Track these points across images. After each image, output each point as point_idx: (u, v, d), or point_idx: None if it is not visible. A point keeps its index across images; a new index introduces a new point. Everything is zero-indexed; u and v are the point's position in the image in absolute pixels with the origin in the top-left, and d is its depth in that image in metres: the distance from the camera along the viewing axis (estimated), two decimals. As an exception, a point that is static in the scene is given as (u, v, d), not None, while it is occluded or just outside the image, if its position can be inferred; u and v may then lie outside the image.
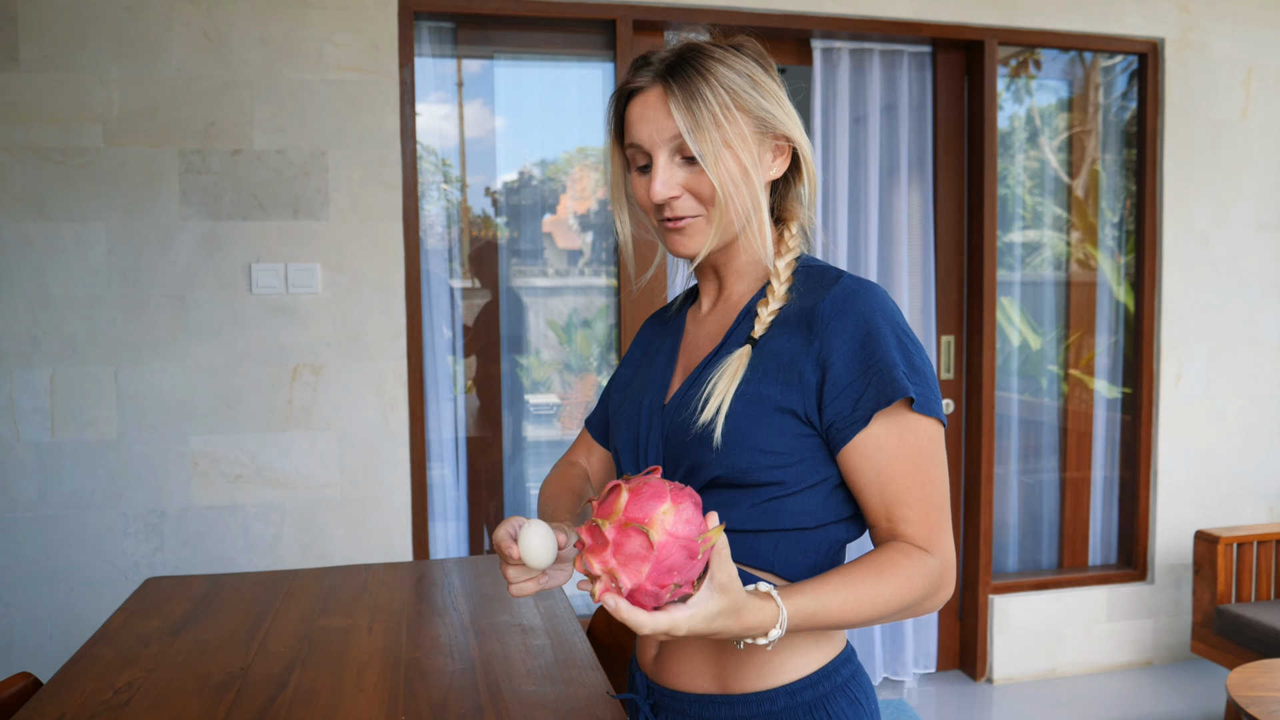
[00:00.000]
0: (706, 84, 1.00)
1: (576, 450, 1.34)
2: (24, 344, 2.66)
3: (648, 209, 1.07)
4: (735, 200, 1.02)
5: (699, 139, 1.00)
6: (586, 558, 0.85)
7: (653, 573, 0.82)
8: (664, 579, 0.83)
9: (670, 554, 0.82)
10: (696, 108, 1.00)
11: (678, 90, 1.00)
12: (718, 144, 1.00)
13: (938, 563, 0.98)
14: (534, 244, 3.23)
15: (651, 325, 1.26)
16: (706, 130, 0.99)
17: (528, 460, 3.25)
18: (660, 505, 0.83)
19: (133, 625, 1.74)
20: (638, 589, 0.83)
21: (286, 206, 2.78)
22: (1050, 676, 3.48)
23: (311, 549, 2.85)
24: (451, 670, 1.53)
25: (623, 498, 0.84)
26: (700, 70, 1.01)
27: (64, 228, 2.66)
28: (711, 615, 0.85)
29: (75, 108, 2.65)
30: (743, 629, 0.87)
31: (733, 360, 1.02)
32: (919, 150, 3.40)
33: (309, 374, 2.83)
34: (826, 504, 1.02)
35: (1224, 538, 3.21)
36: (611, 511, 0.84)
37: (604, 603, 0.83)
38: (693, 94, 1.00)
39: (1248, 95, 3.55)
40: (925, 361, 1.00)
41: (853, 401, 0.97)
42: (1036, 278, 3.63)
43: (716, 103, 1.00)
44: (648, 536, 0.82)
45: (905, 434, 0.98)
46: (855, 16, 3.15)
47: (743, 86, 1.02)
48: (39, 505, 2.70)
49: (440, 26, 3.03)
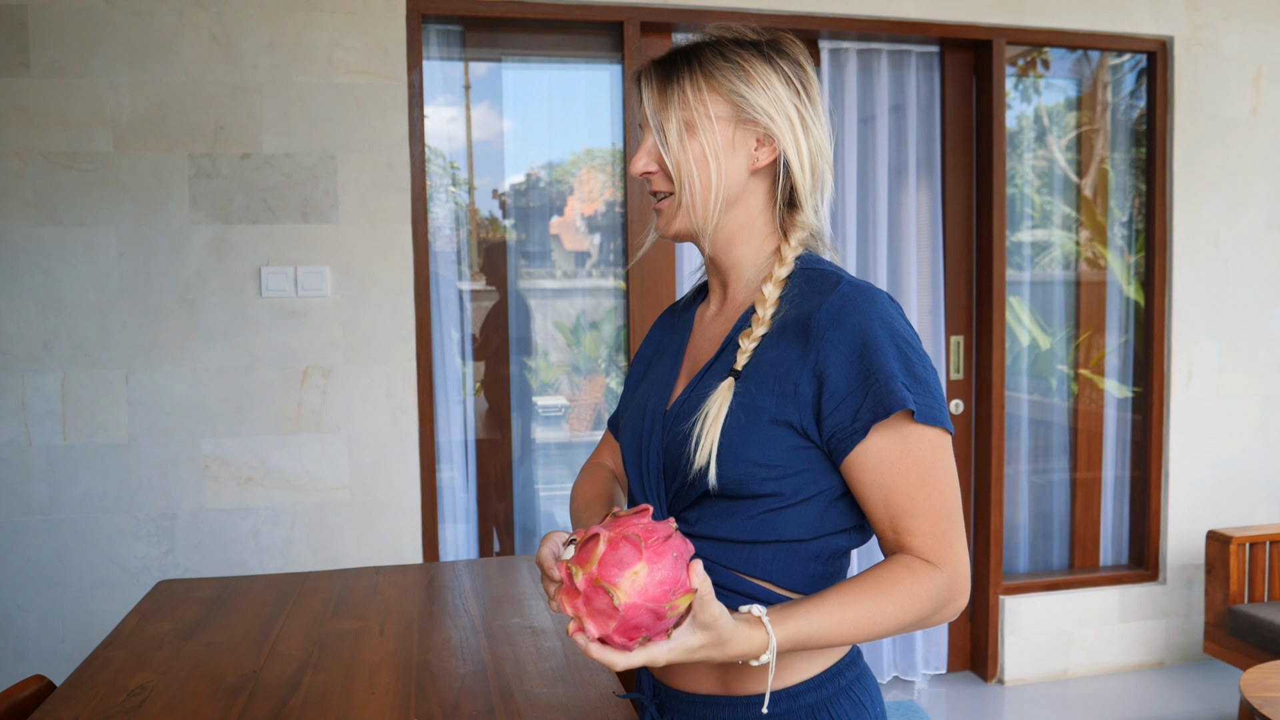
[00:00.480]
0: (686, 65, 1.04)
1: (602, 451, 1.33)
2: (35, 348, 2.68)
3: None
4: (694, 181, 1.03)
5: (662, 117, 1.03)
6: (560, 597, 0.87)
7: (619, 629, 0.83)
8: (631, 634, 0.84)
9: (636, 615, 0.83)
10: (668, 86, 1.03)
11: (658, 70, 1.05)
12: (679, 122, 1.02)
13: (944, 577, 0.96)
14: (542, 246, 3.23)
15: (664, 321, 1.26)
16: (672, 109, 1.03)
17: (537, 462, 3.25)
18: (632, 566, 0.83)
19: (145, 628, 1.75)
20: (605, 638, 0.85)
21: (296, 210, 2.79)
22: (1062, 677, 3.47)
23: (322, 551, 2.86)
24: (463, 672, 1.53)
25: (599, 549, 0.84)
26: (689, 53, 1.04)
27: (75, 232, 2.68)
28: (692, 649, 0.86)
29: (85, 112, 2.66)
30: (728, 658, 0.88)
31: (716, 397, 1.00)
32: (927, 150, 3.40)
33: (319, 377, 2.83)
34: (826, 515, 1.01)
35: (1236, 538, 3.19)
36: (586, 561, 0.84)
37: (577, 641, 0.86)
38: (669, 74, 1.04)
39: (1258, 93, 3.53)
40: (928, 369, 0.97)
41: (851, 414, 0.95)
42: (1046, 277, 3.61)
43: (690, 84, 1.03)
44: (612, 600, 0.82)
45: (908, 445, 0.95)
46: (862, 17, 3.15)
47: (725, 71, 1.03)
48: (51, 509, 2.71)
49: (448, 29, 3.04)
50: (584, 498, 1.24)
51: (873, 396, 0.94)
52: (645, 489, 1.08)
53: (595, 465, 1.31)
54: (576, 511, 1.22)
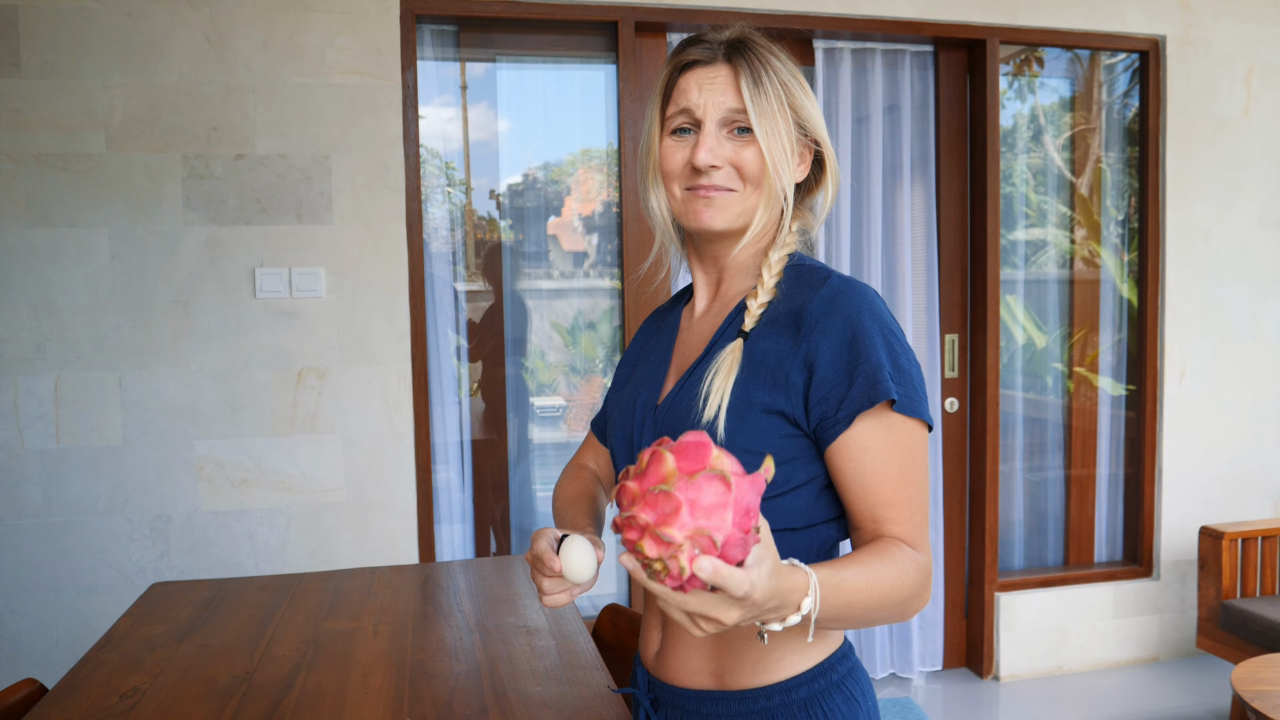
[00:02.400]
0: (768, 72, 1.05)
1: (584, 453, 1.34)
2: (28, 350, 2.67)
3: (676, 175, 1.08)
4: (775, 184, 1.05)
5: (760, 120, 1.04)
6: (660, 531, 0.74)
7: (735, 516, 0.74)
8: (745, 521, 0.75)
9: (744, 492, 0.75)
10: (762, 89, 1.04)
11: (748, 69, 1.05)
12: (774, 131, 1.04)
13: (926, 560, 0.98)
14: (539, 246, 3.23)
15: (649, 324, 1.27)
16: (766, 116, 1.04)
17: (533, 463, 3.25)
18: (709, 450, 0.76)
19: (138, 631, 1.75)
20: (728, 541, 0.74)
21: (290, 211, 2.79)
22: (1057, 673, 3.48)
23: (317, 553, 2.86)
24: (457, 672, 1.53)
25: (668, 459, 0.76)
26: (763, 58, 1.06)
27: (67, 234, 2.67)
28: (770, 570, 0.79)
29: (78, 114, 2.66)
30: (786, 591, 0.82)
31: (726, 355, 1.02)
32: (922, 150, 3.40)
33: (314, 378, 2.83)
34: (817, 504, 1.02)
35: (1229, 533, 3.20)
36: (666, 474, 0.75)
37: (699, 569, 0.73)
38: (758, 78, 1.05)
39: (1249, 92, 3.54)
40: (911, 362, 1.00)
41: (837, 402, 0.97)
42: (1041, 275, 3.62)
43: (774, 92, 1.05)
44: (724, 479, 0.74)
45: (890, 435, 0.98)
46: (857, 16, 3.15)
47: (791, 85, 1.07)
48: (44, 512, 2.70)
49: (442, 29, 3.03)
50: (566, 496, 1.24)
51: (860, 386, 0.96)
52: (637, 485, 1.08)
53: (577, 466, 1.33)
54: (560, 510, 1.23)
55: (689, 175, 1.06)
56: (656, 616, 1.12)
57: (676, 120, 1.07)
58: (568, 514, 1.19)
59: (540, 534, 1.03)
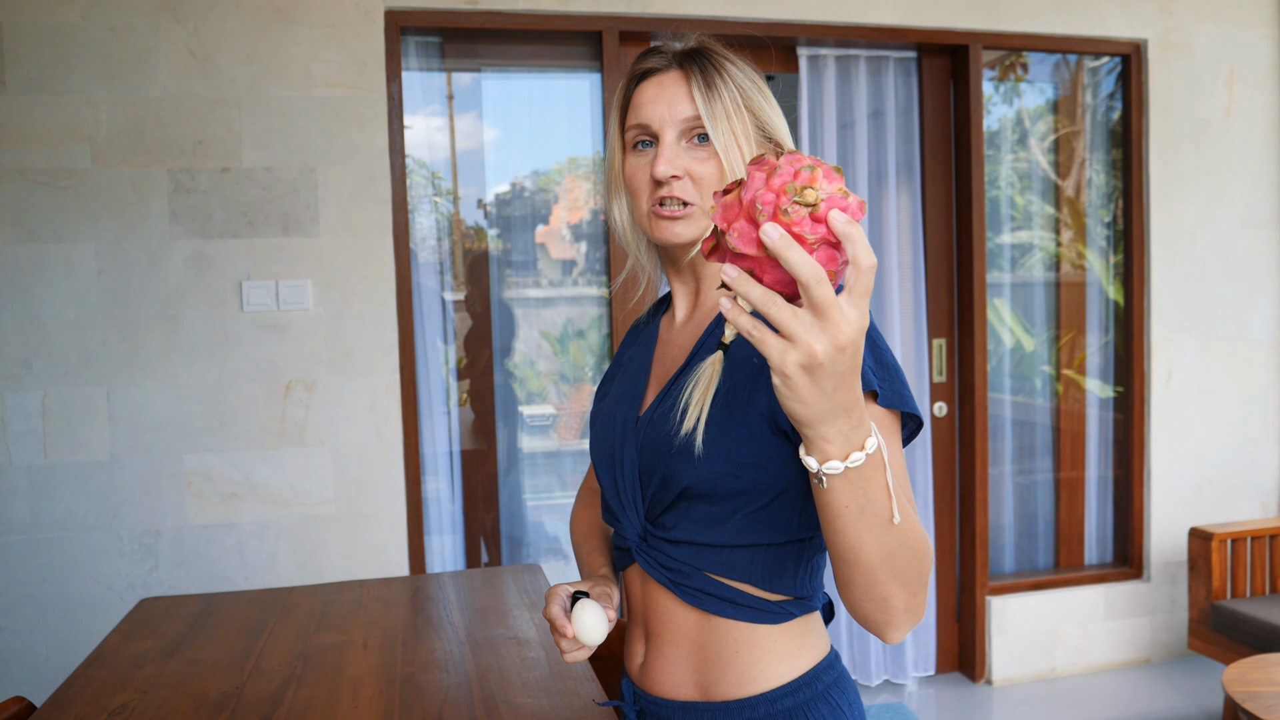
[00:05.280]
0: (722, 77, 1.05)
1: (593, 476, 1.35)
2: (15, 366, 2.66)
3: (641, 191, 1.07)
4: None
5: (714, 124, 1.03)
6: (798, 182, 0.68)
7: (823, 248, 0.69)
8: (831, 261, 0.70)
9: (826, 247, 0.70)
10: (714, 95, 1.03)
11: (699, 76, 1.04)
12: (729, 133, 1.03)
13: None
14: (527, 255, 3.24)
15: (629, 337, 1.27)
16: (720, 119, 1.03)
17: (523, 472, 3.25)
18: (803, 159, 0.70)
19: (127, 646, 1.74)
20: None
21: (276, 223, 2.79)
22: (1049, 676, 3.48)
23: (307, 565, 2.85)
24: (447, 684, 1.53)
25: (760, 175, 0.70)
26: (717, 64, 1.05)
27: (53, 249, 2.67)
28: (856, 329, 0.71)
29: (63, 129, 2.65)
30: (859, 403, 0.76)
31: (706, 367, 1.00)
32: (907, 155, 3.42)
33: (302, 390, 2.83)
34: (804, 514, 1.01)
35: (1218, 534, 3.22)
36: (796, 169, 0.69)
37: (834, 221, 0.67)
38: (711, 82, 1.04)
39: (1231, 94, 3.57)
40: (892, 358, 1.00)
41: None
42: (1028, 279, 3.64)
43: (729, 96, 1.04)
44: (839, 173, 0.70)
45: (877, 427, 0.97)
46: (840, 24, 3.17)
47: (749, 88, 1.06)
48: (32, 528, 2.69)
49: (427, 41, 3.04)
50: (581, 530, 1.28)
51: None
52: (620, 497, 1.08)
53: (590, 491, 1.33)
54: (576, 545, 1.26)
55: (654, 189, 1.06)
56: (640, 628, 1.12)
57: (635, 134, 1.07)
58: (584, 550, 1.23)
59: (553, 594, 1.07)
